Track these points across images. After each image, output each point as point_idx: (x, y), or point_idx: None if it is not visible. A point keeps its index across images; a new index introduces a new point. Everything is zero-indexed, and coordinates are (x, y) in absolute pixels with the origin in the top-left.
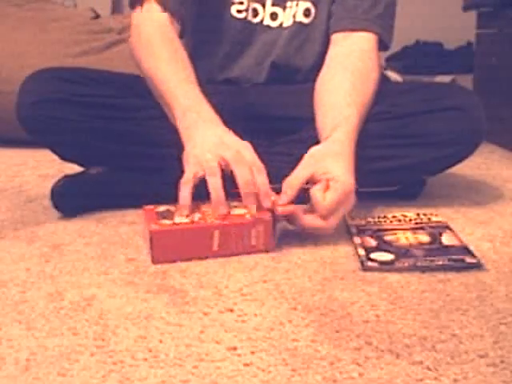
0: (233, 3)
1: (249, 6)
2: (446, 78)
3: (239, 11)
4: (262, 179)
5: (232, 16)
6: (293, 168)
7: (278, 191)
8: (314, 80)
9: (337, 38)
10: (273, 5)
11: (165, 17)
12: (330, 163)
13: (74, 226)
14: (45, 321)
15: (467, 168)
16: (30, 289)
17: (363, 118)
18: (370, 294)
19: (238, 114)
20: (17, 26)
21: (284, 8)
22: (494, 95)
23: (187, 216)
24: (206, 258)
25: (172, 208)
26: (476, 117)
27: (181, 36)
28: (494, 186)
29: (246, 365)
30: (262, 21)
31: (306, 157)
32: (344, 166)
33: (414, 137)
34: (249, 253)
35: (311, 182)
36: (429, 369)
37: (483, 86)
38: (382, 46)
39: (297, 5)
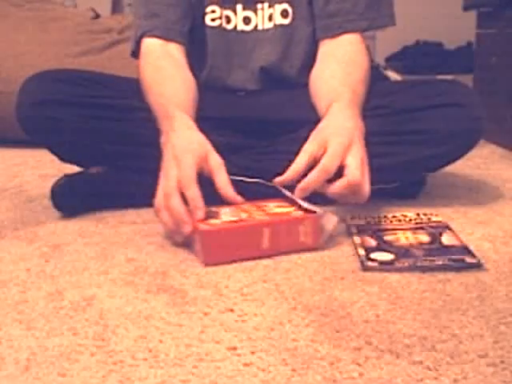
0: (206, 13)
1: (222, 13)
2: (446, 78)
3: (213, 19)
4: (219, 179)
5: (207, 25)
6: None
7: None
8: (306, 80)
9: (322, 45)
10: (243, 9)
11: (157, 43)
12: (329, 133)
13: (73, 225)
14: (45, 321)
15: (467, 168)
16: (29, 289)
17: (359, 95)
18: (370, 293)
19: (236, 118)
20: (17, 26)
21: (255, 11)
22: (493, 95)
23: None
24: (256, 258)
25: (214, 208)
26: (475, 114)
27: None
28: (494, 186)
29: (246, 365)
30: (235, 27)
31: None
32: (339, 124)
33: (413, 133)
34: (298, 250)
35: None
36: (429, 369)
37: (483, 85)
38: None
39: (269, 7)
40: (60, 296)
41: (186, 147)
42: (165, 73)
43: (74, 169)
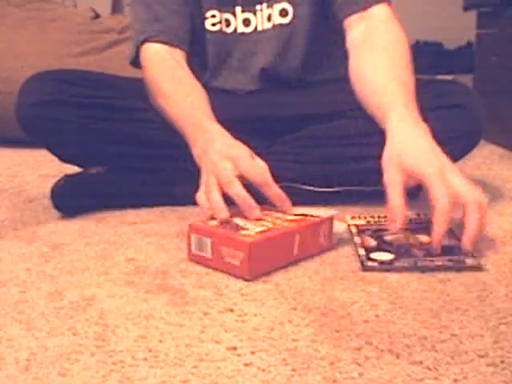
0: (206, 18)
1: (221, 17)
2: (446, 78)
3: (213, 24)
4: (272, 192)
5: (208, 30)
6: (293, 166)
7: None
8: (306, 79)
9: (350, 23)
10: (243, 11)
11: (164, 49)
12: (414, 164)
13: (73, 226)
14: (45, 321)
15: (467, 168)
16: (29, 289)
17: (410, 88)
18: (370, 294)
19: (236, 117)
20: (17, 26)
21: (254, 12)
22: (494, 95)
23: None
24: (288, 265)
25: (228, 219)
26: (475, 115)
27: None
28: (494, 186)
29: (246, 365)
30: (235, 29)
31: (385, 161)
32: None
33: None
34: (318, 253)
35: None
36: (429, 369)
37: (483, 85)
38: None
39: (268, 7)
40: (60, 296)
41: (227, 153)
42: (186, 84)
43: (74, 169)
